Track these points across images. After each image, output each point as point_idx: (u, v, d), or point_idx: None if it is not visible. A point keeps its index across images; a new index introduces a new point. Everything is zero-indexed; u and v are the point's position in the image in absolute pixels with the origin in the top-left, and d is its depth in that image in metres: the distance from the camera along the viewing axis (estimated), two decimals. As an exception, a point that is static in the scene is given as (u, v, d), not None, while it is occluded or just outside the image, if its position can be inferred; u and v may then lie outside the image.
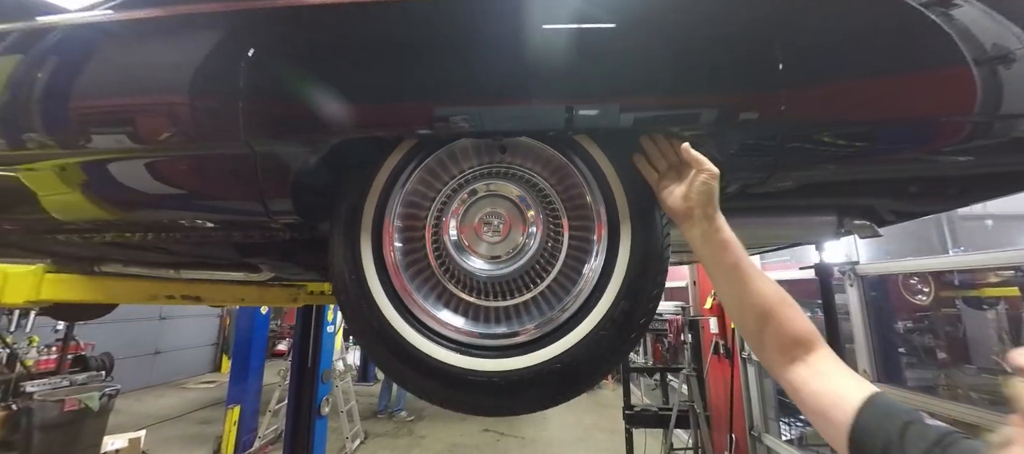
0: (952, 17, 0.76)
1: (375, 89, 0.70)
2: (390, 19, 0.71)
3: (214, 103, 0.72)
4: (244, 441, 4.55)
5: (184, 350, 8.16)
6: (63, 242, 0.95)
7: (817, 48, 0.74)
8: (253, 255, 1.22)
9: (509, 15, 0.68)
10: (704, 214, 0.63)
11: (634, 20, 0.68)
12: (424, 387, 0.72)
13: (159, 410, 6.07)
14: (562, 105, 0.67)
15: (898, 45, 0.76)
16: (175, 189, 0.79)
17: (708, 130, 0.70)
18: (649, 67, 0.69)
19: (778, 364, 0.59)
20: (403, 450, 4.83)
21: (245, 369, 4.70)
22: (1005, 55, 0.79)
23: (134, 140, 0.74)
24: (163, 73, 0.74)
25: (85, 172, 0.79)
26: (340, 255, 0.75)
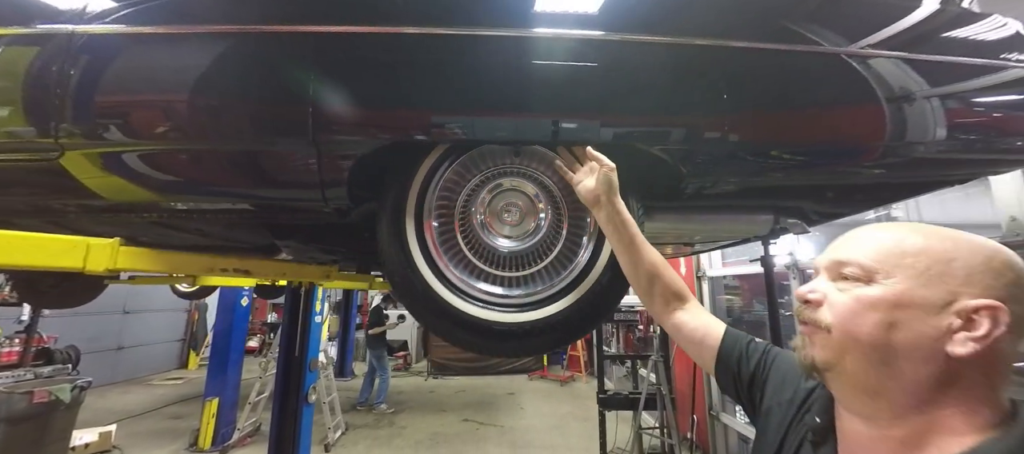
0: (869, 65, 1.05)
1: (421, 102, 0.90)
2: (430, 48, 0.91)
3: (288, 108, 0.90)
4: (223, 434, 4.53)
5: (149, 346, 7.86)
6: (134, 221, 1.09)
7: (759, 87, 1.00)
8: (284, 238, 1.38)
9: (522, 55, 0.90)
10: (608, 200, 0.79)
11: (617, 64, 0.92)
12: (459, 336, 0.92)
13: (125, 406, 5.87)
14: (549, 120, 0.89)
15: (827, 86, 1.04)
16: (254, 176, 0.96)
17: (677, 144, 0.94)
18: (628, 97, 0.93)
19: (664, 312, 0.78)
20: (384, 440, 4.93)
21: (224, 361, 4.68)
22: (908, 96, 1.08)
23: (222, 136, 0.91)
24: (250, 81, 0.91)
25: (173, 160, 0.95)
26: (388, 233, 0.94)
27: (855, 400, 0.48)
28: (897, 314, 0.44)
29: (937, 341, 0.42)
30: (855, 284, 0.47)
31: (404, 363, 8.87)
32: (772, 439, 0.59)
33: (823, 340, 0.48)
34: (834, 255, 0.52)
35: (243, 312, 4.87)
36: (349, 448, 4.69)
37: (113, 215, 1.11)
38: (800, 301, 0.52)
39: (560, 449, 4.62)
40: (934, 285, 0.43)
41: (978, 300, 0.41)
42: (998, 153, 1.20)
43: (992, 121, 1.18)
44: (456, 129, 0.90)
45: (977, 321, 0.41)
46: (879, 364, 0.44)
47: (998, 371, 0.42)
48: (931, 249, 0.45)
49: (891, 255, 0.46)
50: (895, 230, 0.48)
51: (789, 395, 0.61)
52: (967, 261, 0.43)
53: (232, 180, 0.98)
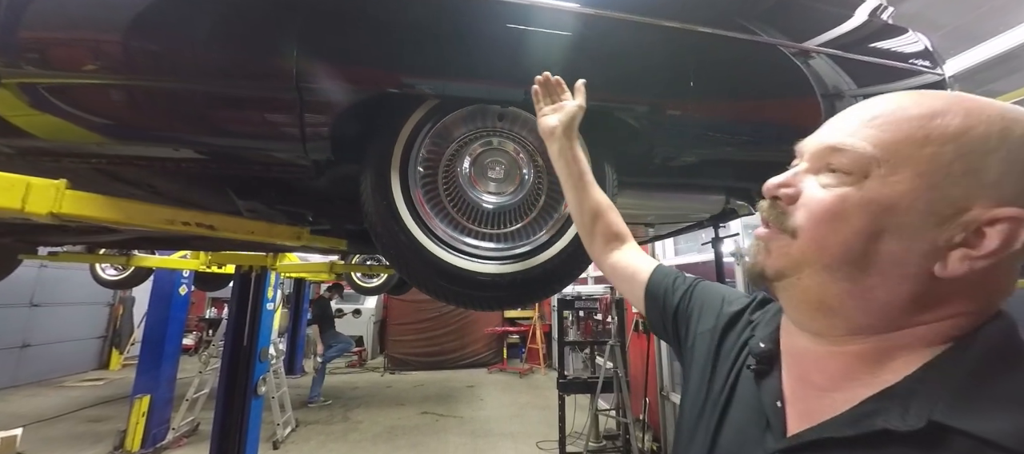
0: (809, 64, 1.19)
1: (410, 56, 0.91)
2: (423, 3, 0.92)
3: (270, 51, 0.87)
4: (154, 434, 4.14)
5: (61, 344, 6.95)
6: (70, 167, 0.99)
7: (714, 75, 1.10)
8: (248, 198, 1.31)
9: (513, 19, 0.94)
10: (565, 134, 0.78)
11: (595, 42, 0.98)
12: (444, 288, 0.93)
13: (33, 410, 5.18)
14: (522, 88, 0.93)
15: (772, 77, 1.17)
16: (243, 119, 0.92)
17: (645, 117, 1.02)
18: (604, 72, 0.99)
19: (603, 252, 0.77)
20: (339, 436, 4.75)
21: (158, 355, 4.27)
22: (840, 92, 1.24)
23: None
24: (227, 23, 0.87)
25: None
26: (373, 186, 0.93)
27: (804, 315, 0.41)
28: (887, 221, 0.34)
29: (926, 258, 0.33)
30: (843, 179, 0.37)
31: (359, 360, 8.56)
32: (700, 370, 0.54)
33: (782, 247, 0.40)
34: (826, 138, 0.40)
35: (181, 301, 4.48)
36: (300, 444, 4.47)
37: (55, 160, 1.00)
38: (768, 196, 0.43)
39: (520, 436, 4.69)
40: (952, 186, 0.33)
41: (999, 209, 0.32)
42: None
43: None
44: (442, 87, 0.92)
45: (986, 235, 0.32)
46: (844, 279, 0.36)
47: (997, 284, 0.34)
48: (970, 135, 0.33)
49: (909, 140, 0.34)
50: (929, 104, 0.35)
51: (711, 323, 0.57)
52: (1013, 155, 0.32)
53: (200, 125, 0.92)
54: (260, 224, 1.16)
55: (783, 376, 0.44)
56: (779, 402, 0.42)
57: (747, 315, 0.55)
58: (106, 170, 1.06)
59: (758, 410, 0.44)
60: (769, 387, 0.44)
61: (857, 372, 0.37)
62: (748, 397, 0.46)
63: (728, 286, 0.66)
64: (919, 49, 1.41)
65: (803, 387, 0.41)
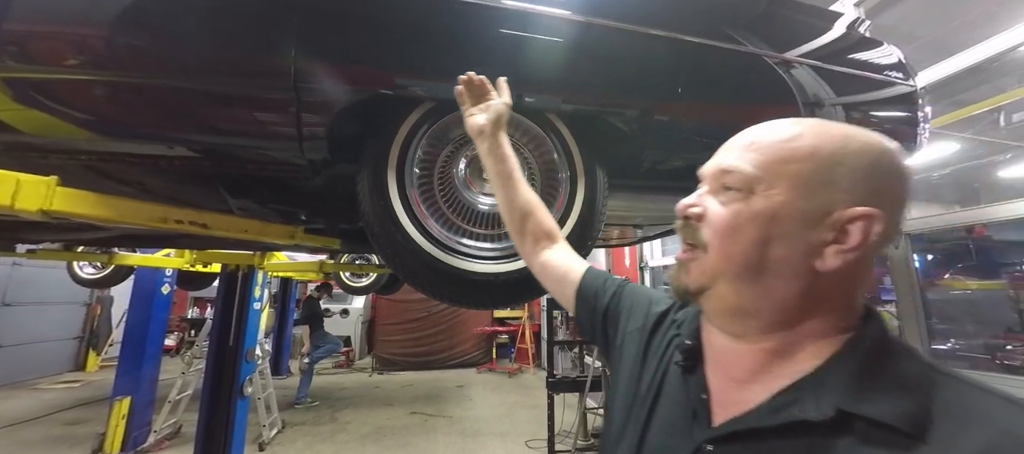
0: (791, 73, 1.24)
1: (409, 58, 0.93)
2: (421, 6, 0.94)
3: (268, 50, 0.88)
4: (135, 437, 4.04)
5: (35, 344, 6.71)
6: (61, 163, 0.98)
7: (702, 82, 1.15)
8: (240, 196, 1.31)
9: (508, 25, 0.96)
10: (492, 132, 0.77)
11: (588, 48, 1.01)
12: (438, 287, 0.95)
13: (7, 412, 5.00)
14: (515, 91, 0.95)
15: (757, 86, 1.22)
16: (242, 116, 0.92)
17: (635, 122, 1.05)
18: (596, 77, 1.02)
19: (533, 252, 0.76)
20: (326, 437, 4.70)
21: (139, 356, 4.17)
22: (820, 100, 1.29)
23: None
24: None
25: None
26: (369, 187, 0.95)
27: (724, 320, 0.46)
28: (773, 229, 0.40)
29: (808, 256, 0.39)
30: (735, 197, 0.43)
31: (347, 360, 8.47)
32: (629, 369, 0.57)
33: (698, 264, 0.45)
34: (718, 162, 0.46)
35: (163, 301, 4.38)
36: (286, 446, 4.41)
37: (43, 156, 0.99)
38: (681, 216, 0.48)
39: (510, 435, 4.71)
40: (816, 195, 0.40)
41: (854, 209, 0.38)
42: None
43: (880, 124, 1.46)
44: (438, 88, 0.94)
45: (850, 231, 0.39)
46: (750, 283, 0.42)
47: (860, 279, 0.41)
48: (820, 152, 0.40)
49: (777, 160, 0.41)
50: (790, 128, 0.43)
51: (640, 323, 0.60)
52: (852, 165, 0.40)
53: (194, 123, 0.93)
54: (254, 223, 1.16)
55: (707, 371, 0.48)
56: (704, 395, 0.47)
57: (671, 315, 0.58)
58: (95, 167, 1.05)
59: (685, 404, 0.48)
60: (694, 381, 0.48)
61: (770, 365, 0.43)
62: (675, 392, 0.50)
63: (653, 289, 0.69)
64: (893, 61, 1.48)
65: (725, 380, 0.46)
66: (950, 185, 6.34)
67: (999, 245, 4.54)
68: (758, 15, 1.34)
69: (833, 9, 1.84)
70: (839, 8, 2.20)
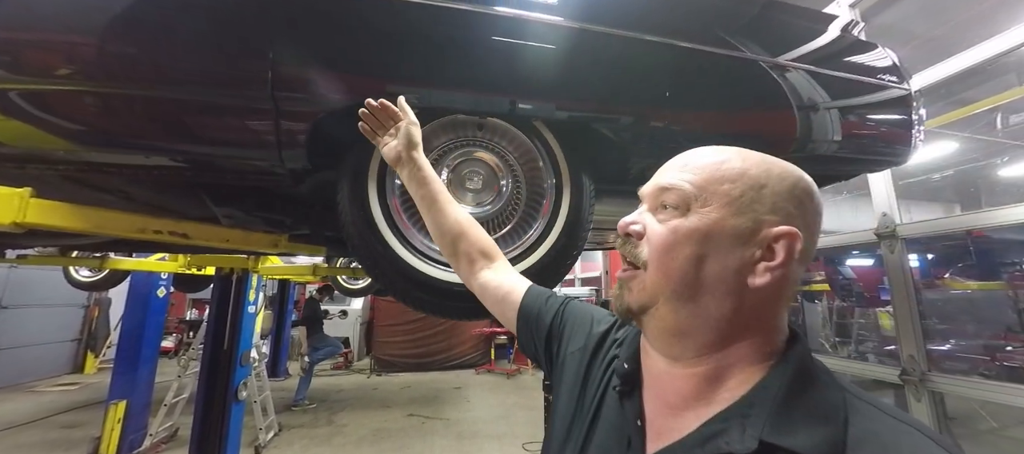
0: (786, 77, 1.22)
1: (388, 67, 0.91)
2: (399, 13, 0.92)
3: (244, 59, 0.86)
4: (131, 441, 4.02)
5: (32, 347, 6.71)
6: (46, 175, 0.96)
7: (692, 87, 1.13)
8: (224, 205, 1.29)
9: (493, 30, 0.94)
10: (409, 157, 0.74)
11: (580, 50, 0.99)
12: (419, 297, 0.94)
13: (3, 415, 5.00)
14: (507, 98, 0.95)
15: (749, 90, 1.20)
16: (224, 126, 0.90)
17: (620, 129, 1.03)
18: (588, 81, 1.00)
19: (470, 272, 0.73)
20: (323, 440, 4.68)
21: (135, 359, 4.15)
22: (814, 105, 1.27)
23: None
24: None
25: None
26: (349, 196, 0.93)
27: (662, 341, 0.46)
28: (708, 246, 0.42)
29: (739, 273, 0.41)
30: (673, 214, 0.44)
31: (345, 361, 8.46)
32: (569, 390, 0.56)
33: (639, 282, 0.45)
34: (657, 181, 0.47)
35: (159, 304, 4.36)
36: (283, 449, 4.39)
37: (19, 167, 0.98)
38: (621, 234, 0.48)
39: (506, 437, 4.70)
40: (745, 213, 0.42)
41: (779, 227, 0.41)
42: (879, 155, 1.47)
43: (875, 128, 1.44)
44: (420, 96, 0.92)
45: (775, 249, 0.41)
46: (686, 301, 0.43)
47: (785, 297, 0.43)
48: (747, 174, 0.43)
49: (710, 180, 0.43)
50: (718, 152, 0.45)
51: (581, 343, 0.59)
52: (775, 188, 0.42)
53: (174, 133, 0.91)
54: (236, 232, 1.15)
55: (644, 395, 0.48)
56: (639, 421, 0.46)
57: (612, 334, 0.58)
58: (74, 177, 1.04)
59: (621, 429, 0.48)
60: (631, 406, 0.48)
61: (703, 391, 0.43)
62: (613, 416, 0.49)
63: (596, 306, 0.67)
64: (887, 64, 1.46)
65: (660, 406, 0.46)
66: (951, 186, 6.31)
67: (999, 245, 4.51)
68: (752, 19, 1.32)
69: (828, 12, 1.82)
70: (834, 10, 2.18)
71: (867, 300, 5.16)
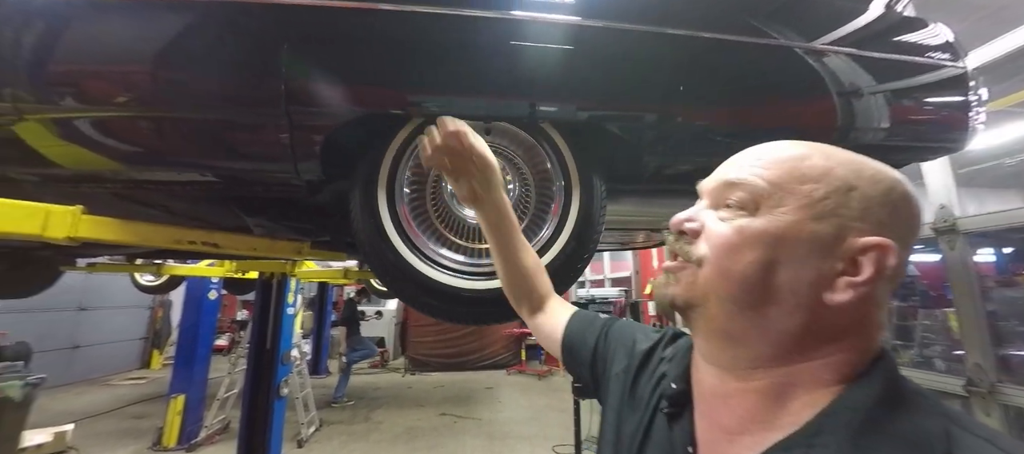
0: (824, 63, 1.13)
1: (395, 77, 0.93)
2: (402, 23, 0.93)
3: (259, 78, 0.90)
4: (189, 431, 4.37)
5: (107, 345, 7.45)
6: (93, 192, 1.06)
7: (709, 80, 1.07)
8: (254, 215, 1.36)
9: (501, 34, 0.94)
10: (488, 198, 0.66)
11: (585, 48, 0.97)
12: (429, 303, 0.95)
13: (82, 407, 5.57)
14: (527, 101, 0.94)
15: (778, 79, 1.12)
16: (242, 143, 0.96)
17: (630, 129, 1.00)
18: (594, 80, 0.98)
19: (530, 314, 0.73)
20: (360, 435, 4.87)
21: (191, 357, 4.51)
22: (857, 90, 1.18)
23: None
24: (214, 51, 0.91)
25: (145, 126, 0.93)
26: (360, 204, 0.96)
27: (712, 345, 0.42)
28: (780, 252, 0.37)
29: (814, 286, 0.36)
30: (739, 213, 0.40)
31: (381, 360, 8.76)
32: (614, 416, 0.53)
33: (690, 276, 0.42)
34: (723, 175, 0.43)
35: (211, 306, 4.71)
36: (323, 444, 4.61)
37: (74, 186, 1.08)
38: (674, 231, 0.44)
39: (537, 439, 4.68)
40: (827, 218, 0.36)
41: (868, 238, 0.35)
42: (932, 141, 1.33)
43: (925, 112, 1.31)
44: (429, 104, 0.93)
45: (861, 263, 0.35)
46: (746, 308, 0.38)
47: (872, 318, 0.37)
48: (833, 174, 0.37)
49: (788, 177, 0.38)
50: (798, 147, 0.40)
51: (624, 363, 0.56)
52: (866, 191, 0.37)
53: (200, 151, 0.98)
54: (263, 241, 1.21)
55: (695, 418, 0.44)
56: (690, 447, 0.42)
57: (659, 352, 0.54)
58: (120, 193, 1.13)
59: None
60: (681, 430, 0.44)
61: (761, 412, 0.38)
62: (662, 441, 0.46)
63: (640, 324, 0.64)
64: (940, 42, 1.32)
65: (714, 430, 0.41)
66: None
67: (1092, 236, 3.97)
68: (784, 2, 1.23)
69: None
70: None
71: (933, 299, 4.70)
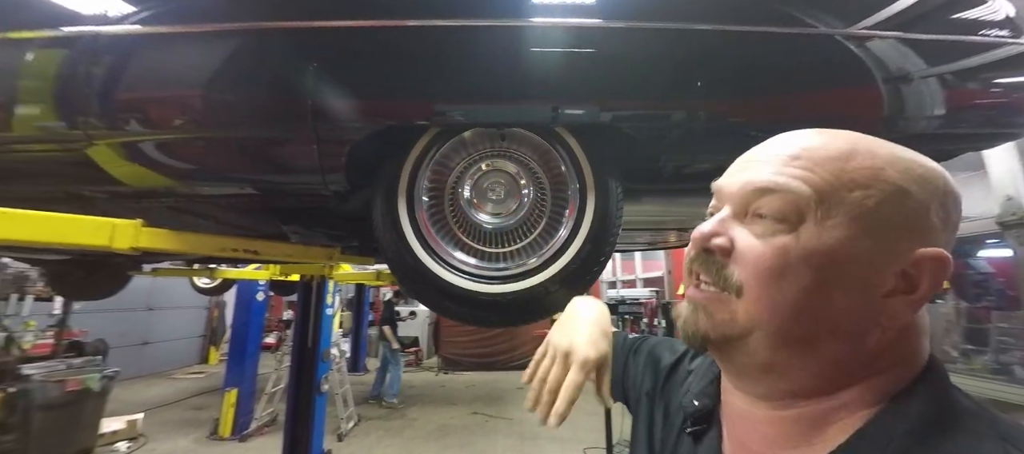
0: (867, 46, 1.05)
1: (410, 90, 0.97)
2: (421, 37, 0.97)
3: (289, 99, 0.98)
4: (241, 423, 4.71)
5: (172, 341, 8.17)
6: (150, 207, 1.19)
7: (737, 72, 1.03)
8: (290, 223, 1.46)
9: (521, 41, 0.96)
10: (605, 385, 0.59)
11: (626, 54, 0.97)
12: (446, 306, 0.99)
13: (150, 398, 6.13)
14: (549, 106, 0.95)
15: (820, 68, 1.06)
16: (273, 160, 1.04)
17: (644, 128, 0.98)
18: (605, 82, 0.97)
19: None
20: (395, 431, 5.05)
21: (242, 354, 4.86)
22: (905, 74, 1.10)
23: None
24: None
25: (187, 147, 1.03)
26: (383, 213, 1.01)
27: (748, 379, 0.37)
28: (832, 274, 0.31)
29: (874, 309, 0.31)
30: (776, 226, 0.33)
31: (416, 359, 9.01)
32: (644, 436, 0.51)
33: (726, 310, 0.35)
34: (751, 178, 0.36)
35: (259, 307, 5.05)
36: (361, 438, 4.82)
37: (136, 202, 1.20)
38: (697, 249, 0.38)
39: (569, 442, 4.66)
40: (882, 231, 0.31)
41: (925, 250, 0.31)
42: (993, 127, 1.22)
43: (987, 96, 1.20)
44: (451, 114, 0.97)
45: (917, 278, 0.31)
46: (794, 341, 0.33)
47: (919, 329, 0.33)
48: (884, 178, 0.32)
49: (834, 183, 0.32)
50: (838, 143, 0.34)
51: (651, 381, 0.54)
52: (919, 196, 0.32)
53: (240, 167, 1.06)
54: (297, 247, 1.30)
55: (723, 436, 0.40)
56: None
57: (685, 364, 0.51)
58: (175, 207, 1.25)
59: None
60: (707, 449, 0.41)
61: (795, 439, 0.34)
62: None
63: (669, 339, 0.60)
64: (998, 18, 1.20)
65: (740, 452, 0.39)
66: None
67: None
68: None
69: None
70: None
71: (1010, 300, 4.23)
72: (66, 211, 1.13)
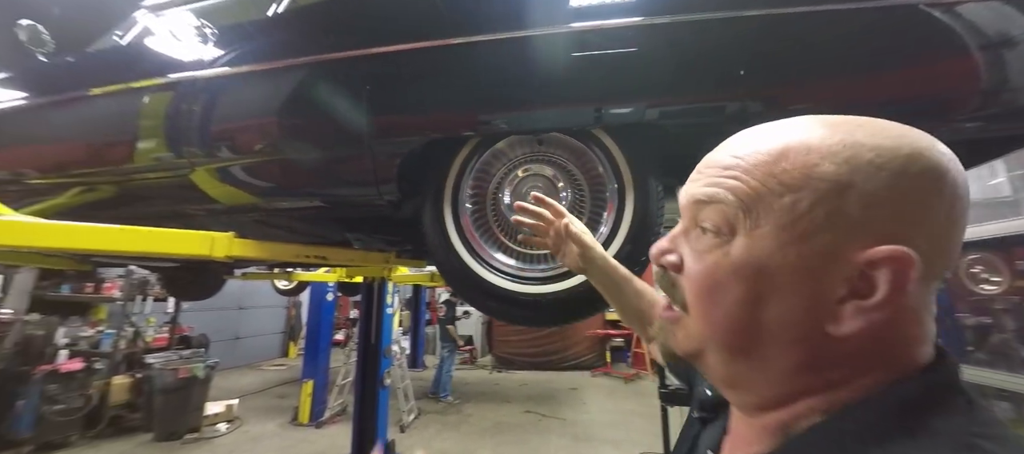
0: (955, 12, 0.91)
1: (449, 104, 1.04)
2: (463, 54, 1.03)
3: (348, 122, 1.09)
4: (316, 411, 5.19)
5: (259, 337, 9.21)
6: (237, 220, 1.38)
7: (796, 56, 0.96)
8: (353, 231, 1.61)
9: (559, 47, 0.99)
10: (587, 257, 0.70)
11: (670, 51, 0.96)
12: (490, 306, 1.04)
13: (241, 386, 6.96)
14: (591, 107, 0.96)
15: (900, 41, 0.94)
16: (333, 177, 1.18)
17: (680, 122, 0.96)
18: (635, 80, 0.97)
19: (648, 340, 0.71)
20: (452, 426, 5.26)
21: (316, 349, 5.35)
22: (1007, 39, 0.96)
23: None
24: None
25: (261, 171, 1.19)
26: (431, 219, 1.08)
27: (721, 389, 0.38)
28: (763, 285, 0.30)
29: (815, 318, 0.29)
30: (714, 240, 0.33)
31: (470, 357, 9.29)
32: (686, 425, 0.53)
33: (684, 327, 0.36)
34: (691, 188, 0.35)
35: (329, 306, 5.53)
36: (421, 431, 5.08)
37: (228, 217, 1.40)
38: (656, 265, 0.39)
39: (623, 444, 4.55)
40: (817, 236, 0.29)
41: (874, 250, 0.28)
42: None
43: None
44: (496, 123, 1.02)
45: (874, 280, 0.28)
46: (738, 354, 0.33)
47: (909, 330, 0.30)
48: (818, 175, 0.29)
49: (763, 188, 0.31)
50: (773, 137, 0.32)
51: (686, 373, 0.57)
52: (866, 187, 0.28)
53: (308, 183, 1.21)
54: (358, 253, 1.44)
55: (728, 428, 0.41)
56: (710, 452, 0.41)
57: None
58: (258, 220, 1.44)
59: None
60: (710, 435, 0.43)
61: (764, 440, 0.34)
62: (701, 445, 0.45)
63: None
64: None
65: (733, 441, 0.40)
66: None
67: None
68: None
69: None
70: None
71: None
72: (174, 227, 1.35)
